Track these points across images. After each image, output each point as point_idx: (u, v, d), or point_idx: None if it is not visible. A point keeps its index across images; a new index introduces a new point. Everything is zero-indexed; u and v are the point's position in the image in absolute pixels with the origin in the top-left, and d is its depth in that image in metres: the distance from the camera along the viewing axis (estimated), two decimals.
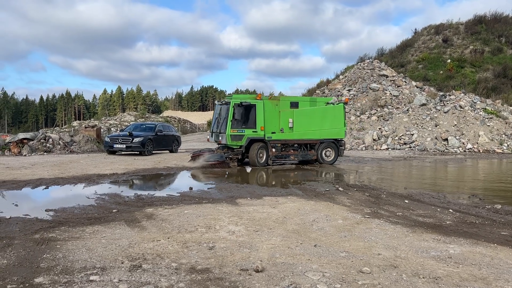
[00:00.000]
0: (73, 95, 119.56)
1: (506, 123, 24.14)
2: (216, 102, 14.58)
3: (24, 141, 18.69)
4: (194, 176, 11.15)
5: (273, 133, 13.30)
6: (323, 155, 14.23)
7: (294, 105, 14.05)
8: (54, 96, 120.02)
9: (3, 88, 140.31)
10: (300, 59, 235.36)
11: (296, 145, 13.99)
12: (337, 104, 15.44)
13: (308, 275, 3.36)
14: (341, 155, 14.86)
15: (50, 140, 19.59)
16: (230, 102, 12.97)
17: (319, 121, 14.14)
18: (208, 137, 14.37)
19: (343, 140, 15.00)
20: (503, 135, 23.07)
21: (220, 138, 13.10)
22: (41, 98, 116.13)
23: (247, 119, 12.91)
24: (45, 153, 18.43)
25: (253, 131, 13.01)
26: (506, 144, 22.24)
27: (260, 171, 12.37)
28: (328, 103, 15.32)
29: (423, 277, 3.35)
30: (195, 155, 13.58)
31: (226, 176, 11.04)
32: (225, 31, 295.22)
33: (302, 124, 13.80)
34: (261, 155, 13.17)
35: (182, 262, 3.70)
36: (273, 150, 13.42)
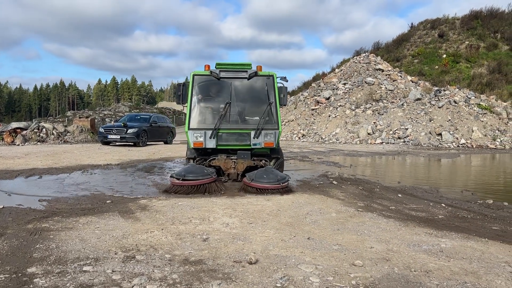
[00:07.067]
0: (67, 84, 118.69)
1: (499, 119, 24.33)
2: (214, 71, 8.04)
3: (18, 130, 18.59)
4: None
5: None
6: None
7: None
8: (48, 85, 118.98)
9: None
10: (302, 51, 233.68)
11: None
12: None
13: (301, 268, 3.38)
14: None
15: (44, 130, 19.49)
16: (270, 75, 8.11)
17: None
18: (197, 138, 7.76)
19: None
20: (497, 131, 23.25)
21: (260, 138, 7.78)
22: (35, 87, 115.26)
23: None
24: (38, 143, 18.33)
25: None
26: (499, 140, 22.41)
27: None
28: None
29: (415, 271, 3.38)
30: (193, 181, 6.83)
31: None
32: (225, 20, 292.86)
33: None
34: None
35: (176, 253, 3.71)
36: None
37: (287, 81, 8.40)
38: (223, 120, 7.81)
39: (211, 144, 7.82)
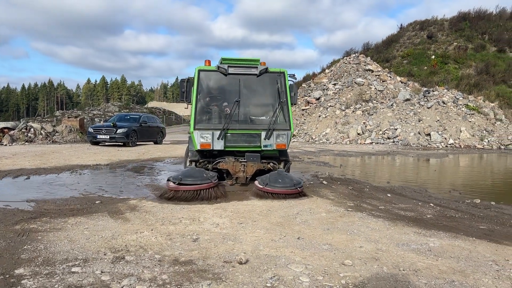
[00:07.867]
0: (55, 84, 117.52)
1: (487, 119, 24.64)
2: (221, 66, 7.39)
3: (5, 130, 18.35)
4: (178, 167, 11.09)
5: None
6: None
7: None
8: (36, 84, 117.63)
9: None
10: (293, 51, 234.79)
11: None
12: None
13: (291, 267, 3.39)
14: None
15: (32, 129, 19.27)
16: (281, 72, 7.61)
17: None
18: (204, 140, 7.13)
19: None
20: (484, 131, 23.55)
21: (272, 140, 7.30)
22: (23, 86, 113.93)
23: None
24: (26, 143, 18.12)
25: None
26: (486, 140, 22.70)
27: None
28: None
29: (403, 270, 3.41)
30: (191, 186, 6.27)
31: None
32: (216, 20, 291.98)
33: None
34: None
35: (166, 254, 3.69)
36: None
37: (295, 79, 7.95)
38: (232, 119, 7.24)
39: (219, 145, 7.20)
